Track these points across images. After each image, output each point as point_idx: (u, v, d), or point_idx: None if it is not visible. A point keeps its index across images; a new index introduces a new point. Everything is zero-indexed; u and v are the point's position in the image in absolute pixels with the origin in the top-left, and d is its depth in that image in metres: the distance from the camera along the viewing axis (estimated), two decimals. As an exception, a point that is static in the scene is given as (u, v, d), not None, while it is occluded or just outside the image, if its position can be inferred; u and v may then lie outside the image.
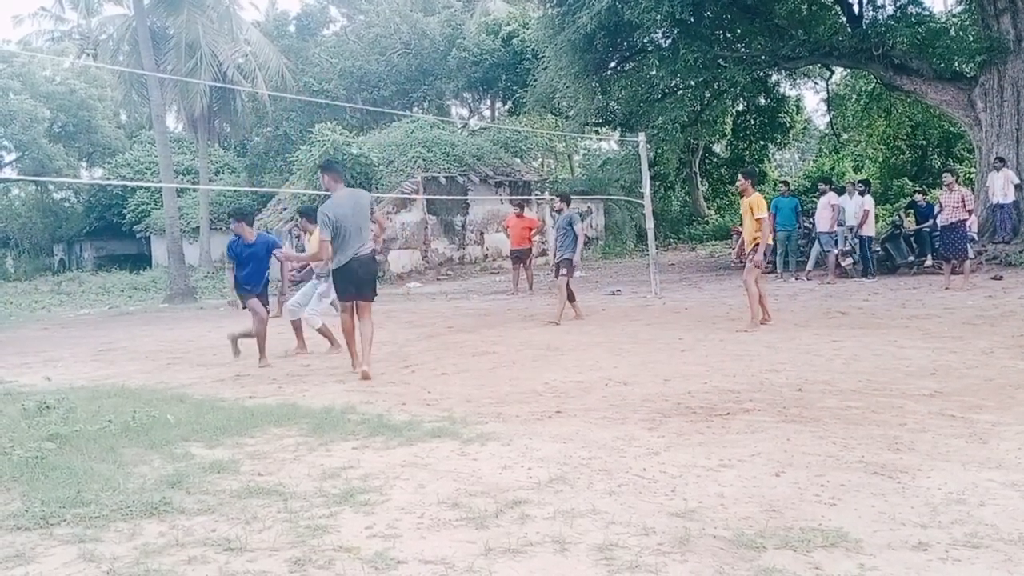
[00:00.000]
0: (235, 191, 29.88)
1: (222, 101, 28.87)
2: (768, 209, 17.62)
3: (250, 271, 8.76)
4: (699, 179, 34.68)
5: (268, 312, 8.83)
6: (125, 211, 33.69)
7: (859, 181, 16.07)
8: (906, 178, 27.88)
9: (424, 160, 23.43)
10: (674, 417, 5.20)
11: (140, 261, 33.15)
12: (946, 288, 12.28)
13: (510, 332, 10.24)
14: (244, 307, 8.87)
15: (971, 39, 16.85)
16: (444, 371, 7.48)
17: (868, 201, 14.99)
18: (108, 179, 34.17)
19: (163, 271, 25.48)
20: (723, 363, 7.13)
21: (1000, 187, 15.53)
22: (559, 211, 11.62)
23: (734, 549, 3.02)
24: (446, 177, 23.72)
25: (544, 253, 24.48)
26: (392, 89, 33.02)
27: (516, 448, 4.59)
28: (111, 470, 4.36)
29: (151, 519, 3.60)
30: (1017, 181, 15.59)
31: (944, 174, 13.17)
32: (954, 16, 20.38)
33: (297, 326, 9.47)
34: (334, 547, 3.19)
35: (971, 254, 13.25)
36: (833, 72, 27.22)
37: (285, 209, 25.48)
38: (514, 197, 23.12)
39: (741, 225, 11.17)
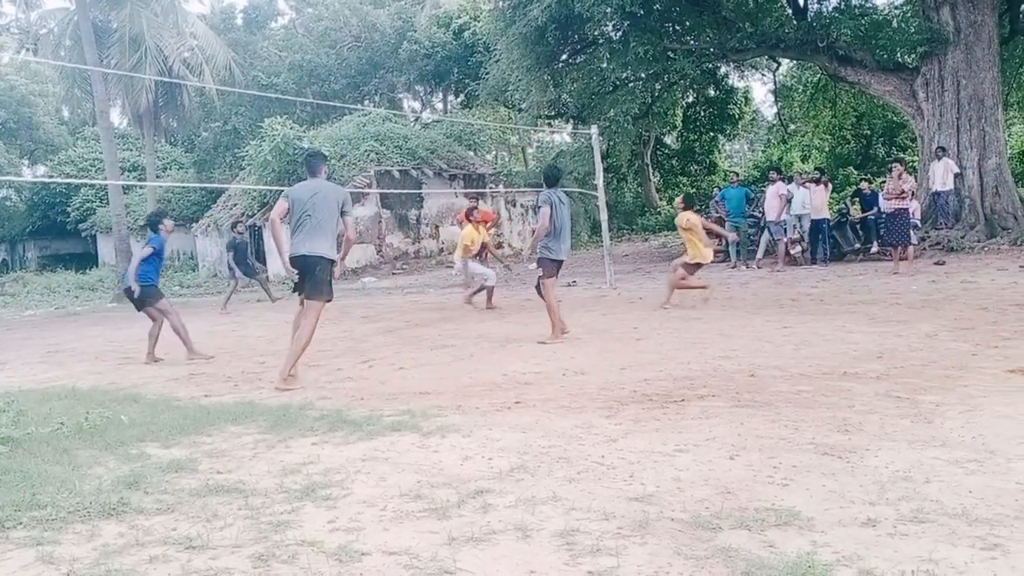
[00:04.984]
0: (184, 187, 29.37)
1: (168, 96, 28.26)
2: (717, 199, 17.95)
3: None
4: (651, 170, 34.98)
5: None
6: (69, 209, 32.89)
7: (815, 169, 16.48)
8: (851, 167, 28.48)
9: (377, 154, 23.29)
10: (631, 405, 5.28)
11: (86, 260, 32.40)
12: (894, 273, 12.65)
13: (468, 325, 10.26)
14: None
15: (912, 31, 17.27)
16: (402, 365, 7.48)
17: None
18: (51, 177, 33.30)
19: (110, 270, 24.99)
20: (677, 351, 7.25)
21: (940, 175, 16.00)
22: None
23: (691, 531, 3.09)
24: (399, 171, 23.60)
25: (500, 246, 24.51)
26: (343, 82, 32.70)
27: (476, 439, 4.63)
28: (66, 472, 4.29)
29: (109, 520, 3.56)
30: (957, 170, 16.05)
31: (894, 164, 13.58)
32: (896, 8, 20.85)
33: None
34: (297, 542, 3.19)
35: (914, 240, 13.66)
36: (780, 64, 27.70)
37: (235, 205, 25.14)
38: (469, 190, 23.11)
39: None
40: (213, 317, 14.26)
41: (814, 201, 15.06)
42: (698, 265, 10.52)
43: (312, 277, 6.68)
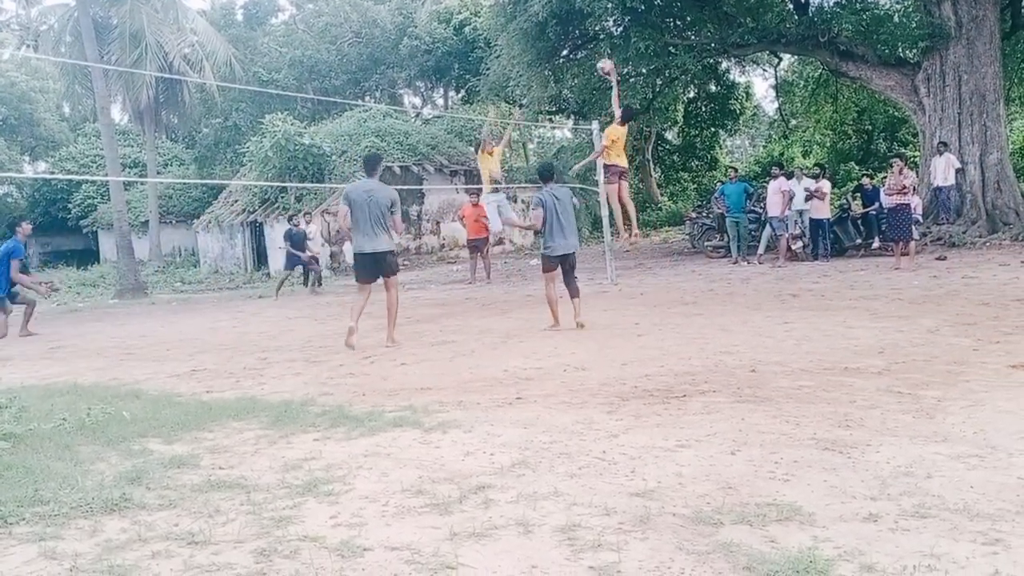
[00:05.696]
0: (184, 184, 29.34)
1: (169, 92, 28.32)
2: (717, 195, 17.95)
3: None
4: (652, 166, 34.97)
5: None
6: (71, 206, 32.88)
7: (815, 164, 16.44)
8: (853, 162, 28.46)
9: (377, 150, 23.28)
10: (632, 400, 5.28)
11: (87, 256, 32.37)
12: (896, 268, 12.66)
13: (469, 321, 10.27)
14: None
15: (914, 25, 17.25)
16: (404, 361, 7.48)
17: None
18: (52, 173, 33.31)
19: (112, 266, 24.96)
20: (678, 347, 7.24)
21: (941, 171, 16.00)
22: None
23: (693, 526, 3.10)
24: (400, 167, 23.58)
25: (501, 242, 24.53)
26: (343, 78, 32.68)
27: (478, 435, 4.63)
28: (68, 468, 4.29)
29: (112, 515, 3.57)
30: (958, 165, 16.05)
31: (895, 159, 13.59)
32: (897, 3, 20.82)
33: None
34: (299, 537, 3.20)
35: (916, 235, 13.66)
36: (781, 59, 27.63)
37: (236, 201, 25.12)
38: (469, 186, 23.09)
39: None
40: (214, 313, 14.27)
41: (813, 202, 15.09)
42: (618, 170, 10.85)
43: (382, 266, 8.29)
